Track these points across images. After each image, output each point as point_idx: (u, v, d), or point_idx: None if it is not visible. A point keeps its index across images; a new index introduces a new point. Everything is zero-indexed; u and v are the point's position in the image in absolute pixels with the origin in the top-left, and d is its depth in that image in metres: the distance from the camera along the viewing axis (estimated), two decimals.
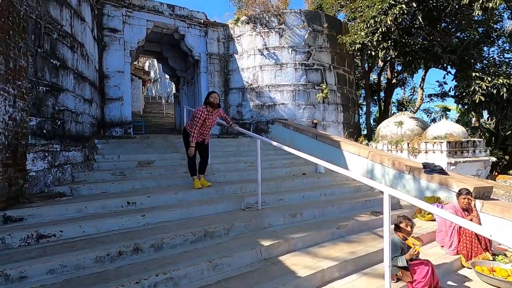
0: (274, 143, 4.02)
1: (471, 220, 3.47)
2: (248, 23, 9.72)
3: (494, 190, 4.80)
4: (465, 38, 8.92)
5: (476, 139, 8.57)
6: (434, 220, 4.36)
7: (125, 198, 3.74)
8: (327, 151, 7.08)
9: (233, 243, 3.06)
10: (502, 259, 3.26)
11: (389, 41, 8.53)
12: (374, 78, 14.71)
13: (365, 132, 13.59)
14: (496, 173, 9.45)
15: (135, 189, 4.33)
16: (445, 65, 9.09)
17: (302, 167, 6.50)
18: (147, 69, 24.79)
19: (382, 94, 13.89)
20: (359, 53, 9.57)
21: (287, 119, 9.42)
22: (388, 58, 11.18)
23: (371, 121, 14.46)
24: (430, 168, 4.87)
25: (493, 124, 11.23)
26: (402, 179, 5.31)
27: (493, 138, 10.47)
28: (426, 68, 10.38)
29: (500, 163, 9.59)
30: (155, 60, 14.33)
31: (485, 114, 9.70)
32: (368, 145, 10.37)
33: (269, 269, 2.75)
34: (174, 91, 15.12)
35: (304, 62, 9.62)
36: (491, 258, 3.27)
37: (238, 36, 9.90)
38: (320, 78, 9.88)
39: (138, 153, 5.84)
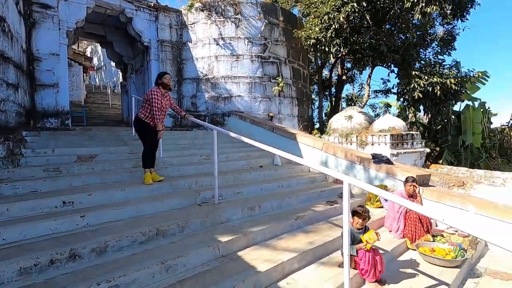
0: (232, 134, 3.86)
1: None
2: (202, 10, 9.29)
3: (431, 177, 5.30)
4: (406, 40, 9.72)
5: (414, 132, 9.44)
6: (382, 207, 4.65)
7: (60, 197, 3.24)
8: (283, 144, 7.14)
9: (189, 241, 2.85)
10: (440, 240, 3.59)
11: (341, 38, 8.89)
12: (326, 74, 15.34)
13: (317, 125, 14.13)
14: (429, 163, 10.56)
15: (73, 187, 3.81)
16: (389, 63, 9.81)
17: (259, 160, 6.45)
18: (89, 55, 22.48)
19: (333, 89, 14.55)
20: (312, 49, 9.80)
21: (244, 111, 9.30)
22: (339, 55, 11.70)
23: (323, 115, 15.12)
24: (378, 159, 5.18)
25: (427, 119, 12.53)
26: (354, 169, 5.58)
27: (426, 131, 11.69)
28: (372, 66, 11.10)
29: (432, 154, 10.75)
30: (99, 45, 12.99)
31: (422, 110, 10.74)
32: (321, 138, 10.80)
33: (227, 266, 2.61)
34: (121, 79, 13.93)
35: (261, 54, 9.55)
36: (431, 240, 3.58)
37: (192, 24, 9.41)
38: (276, 71, 9.92)
39: (78, 146, 5.18)
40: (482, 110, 11.84)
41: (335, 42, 8.69)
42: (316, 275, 2.70)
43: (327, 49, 9.07)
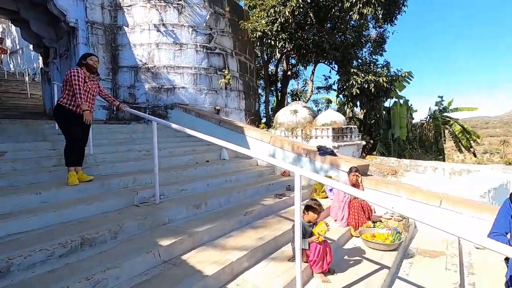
0: (174, 126, 3.50)
1: None
2: None
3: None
4: (345, 39, 10.31)
5: (352, 126, 10.13)
6: (327, 197, 4.80)
7: None
8: (231, 137, 6.93)
9: (123, 249, 2.46)
10: (379, 225, 3.82)
11: (287, 33, 8.99)
12: (272, 69, 15.56)
13: (264, 120, 14.27)
14: (365, 154, 11.50)
15: None
16: (330, 61, 10.30)
17: (205, 154, 6.15)
18: None
19: (279, 84, 14.84)
20: (259, 42, 9.76)
21: (188, 104, 8.81)
22: (285, 51, 11.90)
23: (270, 110, 15.34)
24: (323, 151, 5.34)
25: (362, 114, 13.63)
26: (300, 161, 5.67)
27: (362, 125, 12.72)
28: (315, 63, 11.56)
29: (367, 146, 11.75)
30: (11, 23, 10.93)
31: (358, 105, 11.60)
32: (268, 132, 10.88)
33: (170, 273, 2.31)
34: (42, 65, 12.02)
35: (206, 44, 9.14)
36: (372, 226, 3.78)
37: (128, 6, 8.50)
38: (222, 63, 9.62)
39: None
40: (406, 106, 13.33)
41: (281, 37, 8.76)
42: (267, 272, 2.59)
43: (273, 43, 9.10)
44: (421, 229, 4.40)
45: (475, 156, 15.71)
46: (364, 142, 10.21)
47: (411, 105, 14.57)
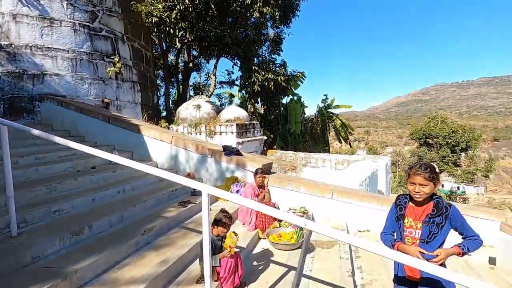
0: (36, 132, 2.62)
1: (264, 196, 3.95)
2: None
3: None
4: (247, 36, 10.47)
5: (254, 122, 10.47)
6: None
7: None
8: (124, 137, 6.02)
9: None
10: (284, 224, 3.96)
11: (187, 23, 8.40)
12: (172, 60, 14.50)
13: (164, 114, 13.23)
14: (266, 148, 12.17)
15: None
16: (233, 56, 10.28)
17: (91, 159, 5.09)
18: None
19: (180, 76, 13.98)
20: (156, 29, 8.81)
21: (66, 95, 7.19)
22: (186, 41, 11.21)
23: (170, 103, 14.32)
24: (229, 151, 5.20)
25: (262, 110, 14.34)
26: (206, 162, 5.38)
27: (263, 121, 13.38)
28: (218, 57, 11.35)
29: (268, 141, 12.46)
30: None
31: (259, 101, 12.10)
32: (169, 128, 10.09)
33: None
34: None
35: (88, 24, 7.60)
36: (278, 225, 3.88)
37: None
38: (111, 48, 8.24)
39: None
40: (300, 103, 14.78)
41: (180, 25, 8.12)
42: None
43: (172, 31, 8.36)
44: (318, 220, 4.84)
45: (350, 146, 18.94)
46: (265, 137, 10.74)
47: (303, 101, 16.29)
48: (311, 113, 17.83)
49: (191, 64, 13.37)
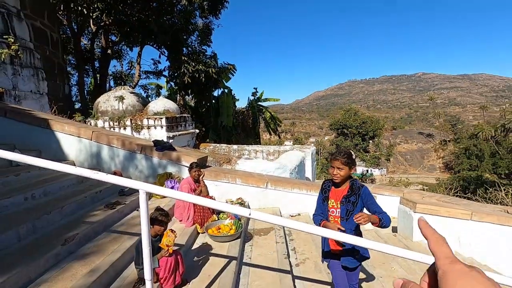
0: None
1: (201, 190, 3.89)
2: None
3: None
4: (174, 24, 9.91)
5: (186, 115, 10.11)
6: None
7: None
8: (28, 134, 5.09)
9: None
10: (222, 216, 3.98)
11: (103, 3, 7.47)
12: (86, 44, 12.75)
13: (78, 106, 11.64)
14: (198, 142, 11.91)
15: None
16: (160, 45, 9.62)
17: None
18: None
19: (96, 64, 12.41)
20: (63, 6, 7.59)
21: None
22: (102, 24, 9.99)
23: (85, 95, 12.65)
24: (161, 146, 4.92)
25: (193, 102, 13.92)
26: (135, 159, 4.98)
27: (194, 114, 13.00)
28: (142, 44, 10.47)
29: (200, 134, 12.20)
30: None
31: (190, 94, 11.68)
32: (86, 123, 8.96)
33: None
34: None
35: None
36: (217, 219, 3.88)
37: None
38: (2, 26, 6.80)
39: None
40: (231, 96, 14.85)
41: (96, 6, 7.17)
42: None
43: (85, 11, 7.33)
44: (253, 207, 5.02)
45: (279, 137, 20.03)
46: (197, 131, 10.50)
47: (234, 94, 16.43)
48: (242, 106, 18.14)
49: (109, 51, 11.99)
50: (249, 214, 1.75)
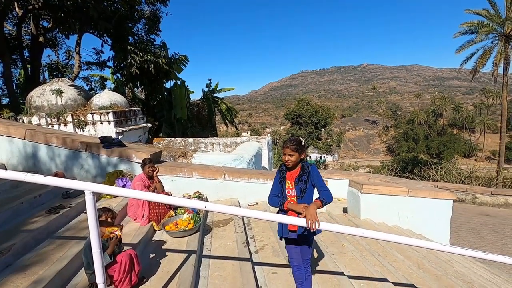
0: None
1: (156, 186, 3.76)
2: None
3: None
4: (117, 10, 9.16)
5: (136, 108, 9.55)
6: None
7: None
8: None
9: None
10: (180, 211, 3.90)
11: None
12: (10, 30, 11.16)
13: (6, 102, 10.24)
14: (151, 137, 11.37)
15: None
16: (102, 33, 8.85)
17: None
18: None
19: (26, 53, 10.97)
20: None
21: None
22: (30, 8, 8.82)
23: (14, 88, 11.17)
24: (108, 142, 4.60)
25: (143, 95, 13.18)
26: (79, 158, 4.58)
27: (145, 107, 12.33)
28: (80, 32, 9.52)
29: (153, 128, 11.64)
30: None
31: (139, 86, 11.00)
32: (17, 120, 7.96)
33: None
34: None
35: None
36: (174, 214, 3.79)
37: None
38: None
39: None
40: (184, 88, 14.37)
41: None
42: None
43: None
44: (212, 201, 5.02)
45: (236, 128, 20.04)
46: (149, 125, 10.00)
47: (187, 86, 15.92)
48: (195, 98, 17.67)
49: (41, 38, 10.67)
50: (205, 207, 1.77)
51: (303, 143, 2.40)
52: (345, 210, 6.15)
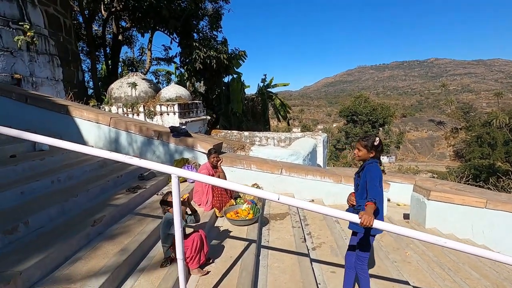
0: None
1: (219, 176, 3.98)
2: None
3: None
4: (185, 9, 9.79)
5: (197, 101, 10.16)
6: (185, 181, 4.61)
7: None
8: (48, 120, 5.22)
9: None
10: (239, 201, 4.08)
11: None
12: (97, 30, 12.75)
13: (90, 93, 11.77)
14: (209, 128, 11.99)
15: None
16: (171, 30, 9.57)
17: (7, 147, 4.31)
18: None
19: (108, 50, 12.44)
20: None
21: None
22: (113, 10, 9.95)
23: (97, 81, 12.76)
24: (177, 132, 5.00)
25: (203, 89, 13.91)
26: (152, 145, 5.08)
27: (204, 100, 13.02)
28: (153, 30, 10.43)
29: (211, 121, 12.26)
30: None
31: (201, 80, 11.66)
32: (100, 109, 9.10)
33: None
34: None
35: None
36: (234, 203, 3.98)
37: None
38: (18, 12, 6.86)
39: None
40: (241, 82, 14.76)
41: None
42: None
43: None
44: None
45: (288, 124, 19.97)
46: (209, 117, 10.55)
47: (243, 81, 16.33)
48: (250, 92, 18.04)
49: (120, 37, 11.99)
50: (278, 199, 1.82)
51: (377, 143, 2.33)
52: (406, 216, 5.72)
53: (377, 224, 1.85)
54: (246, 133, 10.01)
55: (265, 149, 6.25)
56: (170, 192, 2.62)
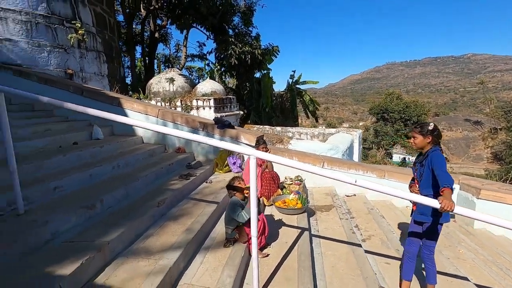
0: (45, 99, 2.37)
1: (267, 165, 4.06)
2: None
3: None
4: (221, 5, 9.97)
5: (231, 96, 10.34)
6: (230, 171, 4.75)
7: None
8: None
9: None
10: (286, 191, 4.14)
11: None
12: (134, 28, 13.33)
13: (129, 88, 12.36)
14: (241, 123, 12.16)
15: None
16: (207, 27, 9.79)
17: (68, 135, 4.67)
18: None
19: (145, 47, 12.98)
20: None
21: (22, 64, 6.35)
22: (151, 8, 10.35)
23: (136, 76, 13.36)
24: (221, 123, 5.14)
25: (234, 84, 14.11)
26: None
27: (236, 96, 13.21)
28: (188, 27, 10.73)
29: (242, 116, 12.42)
30: None
31: (235, 75, 11.84)
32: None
33: None
34: None
35: None
36: (281, 193, 4.05)
37: None
38: (71, 11, 7.34)
39: None
40: (270, 78, 14.78)
41: None
42: (209, 267, 2.30)
43: None
44: (309, 187, 5.13)
45: (316, 120, 19.73)
46: (241, 112, 10.71)
47: (272, 77, 16.33)
48: (279, 88, 17.99)
49: (157, 35, 12.46)
50: (355, 181, 1.85)
51: (431, 128, 2.30)
52: (452, 215, 5.49)
53: (458, 209, 1.82)
54: (278, 128, 10.05)
55: (304, 143, 6.25)
56: (236, 178, 2.74)
